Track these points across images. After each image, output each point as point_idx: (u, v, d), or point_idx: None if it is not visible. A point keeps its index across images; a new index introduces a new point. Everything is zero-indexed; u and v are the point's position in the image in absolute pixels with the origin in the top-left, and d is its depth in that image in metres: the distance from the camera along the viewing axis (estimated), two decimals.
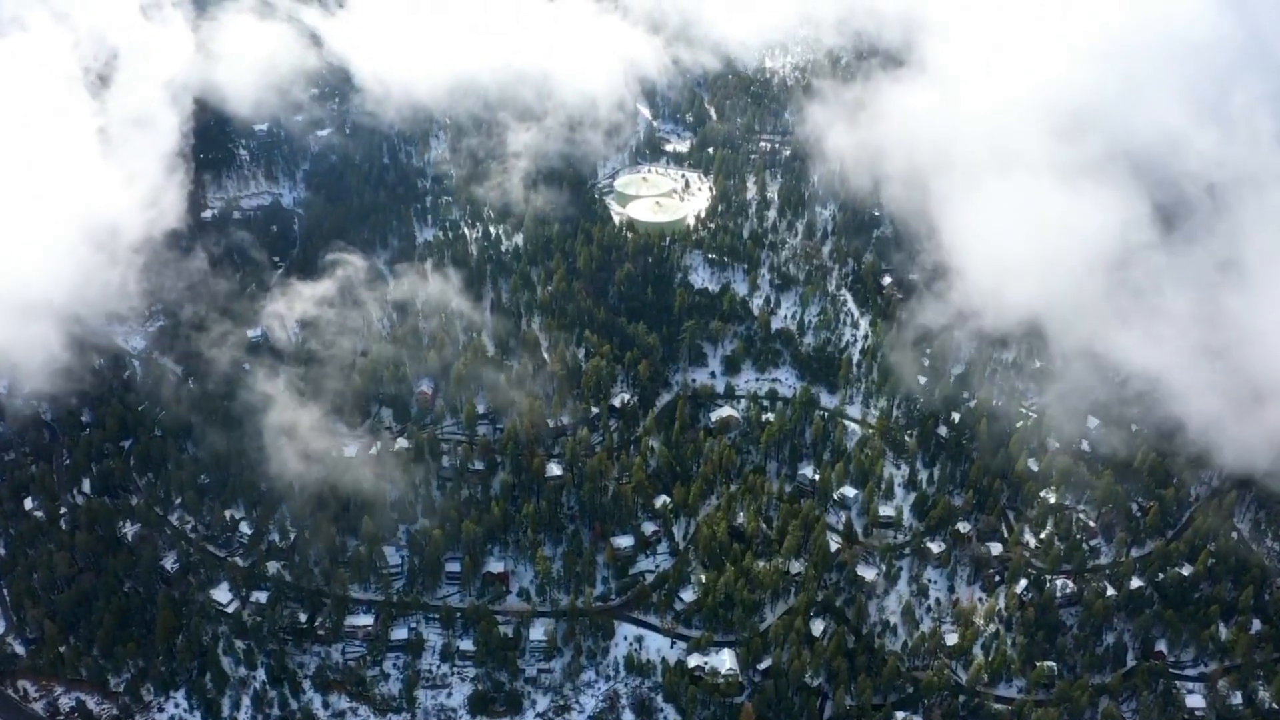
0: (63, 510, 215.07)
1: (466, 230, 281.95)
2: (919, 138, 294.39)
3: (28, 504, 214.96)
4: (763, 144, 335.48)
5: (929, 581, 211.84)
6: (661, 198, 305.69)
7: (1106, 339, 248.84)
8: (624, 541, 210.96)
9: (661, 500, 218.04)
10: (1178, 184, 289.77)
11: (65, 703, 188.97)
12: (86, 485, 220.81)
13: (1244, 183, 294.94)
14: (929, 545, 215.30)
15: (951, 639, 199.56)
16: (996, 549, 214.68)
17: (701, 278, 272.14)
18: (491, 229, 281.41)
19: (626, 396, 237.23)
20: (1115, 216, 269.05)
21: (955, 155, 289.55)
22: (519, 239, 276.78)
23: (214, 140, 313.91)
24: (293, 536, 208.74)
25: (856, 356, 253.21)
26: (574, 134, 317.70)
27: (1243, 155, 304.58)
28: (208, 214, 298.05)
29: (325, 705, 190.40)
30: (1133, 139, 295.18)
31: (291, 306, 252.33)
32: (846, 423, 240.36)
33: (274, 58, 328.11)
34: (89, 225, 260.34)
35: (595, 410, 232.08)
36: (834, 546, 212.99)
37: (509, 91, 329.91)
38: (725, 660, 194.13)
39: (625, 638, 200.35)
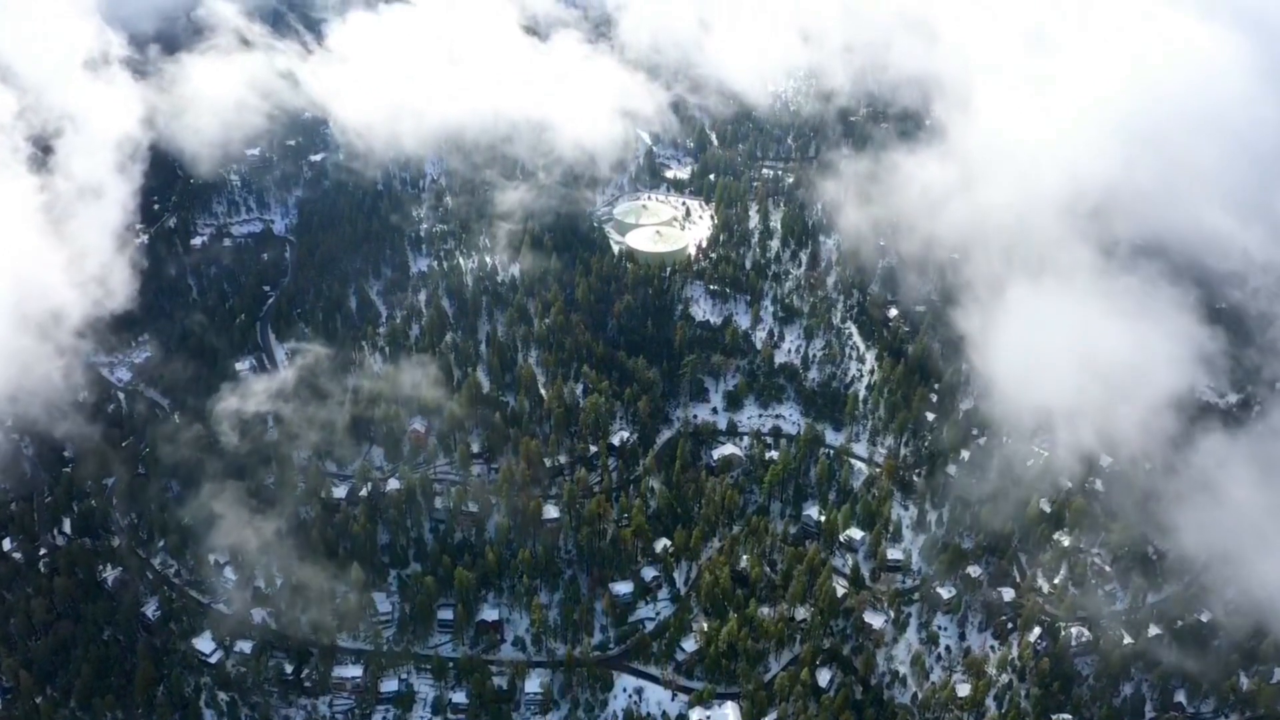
0: (42, 551, 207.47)
1: (461, 260, 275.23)
2: (934, 224, 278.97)
3: (5, 545, 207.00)
4: (765, 171, 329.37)
5: (939, 629, 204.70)
6: (662, 226, 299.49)
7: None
8: (623, 588, 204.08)
9: (662, 544, 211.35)
10: (1215, 285, 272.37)
11: None
12: (67, 525, 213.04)
13: None
14: (939, 591, 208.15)
15: (963, 690, 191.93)
16: (1009, 595, 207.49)
17: (703, 310, 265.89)
18: (487, 259, 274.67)
19: (626, 434, 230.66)
20: (1151, 327, 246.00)
21: (972, 245, 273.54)
22: (515, 269, 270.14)
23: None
24: (279, 583, 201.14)
25: (862, 392, 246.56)
26: (570, 189, 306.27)
27: None
28: (197, 241, 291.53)
29: None
30: (1166, 232, 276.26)
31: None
32: (852, 461, 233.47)
33: (244, 105, 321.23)
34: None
35: (594, 449, 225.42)
36: (840, 592, 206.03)
37: (498, 148, 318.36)
38: (728, 714, 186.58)
39: (624, 690, 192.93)
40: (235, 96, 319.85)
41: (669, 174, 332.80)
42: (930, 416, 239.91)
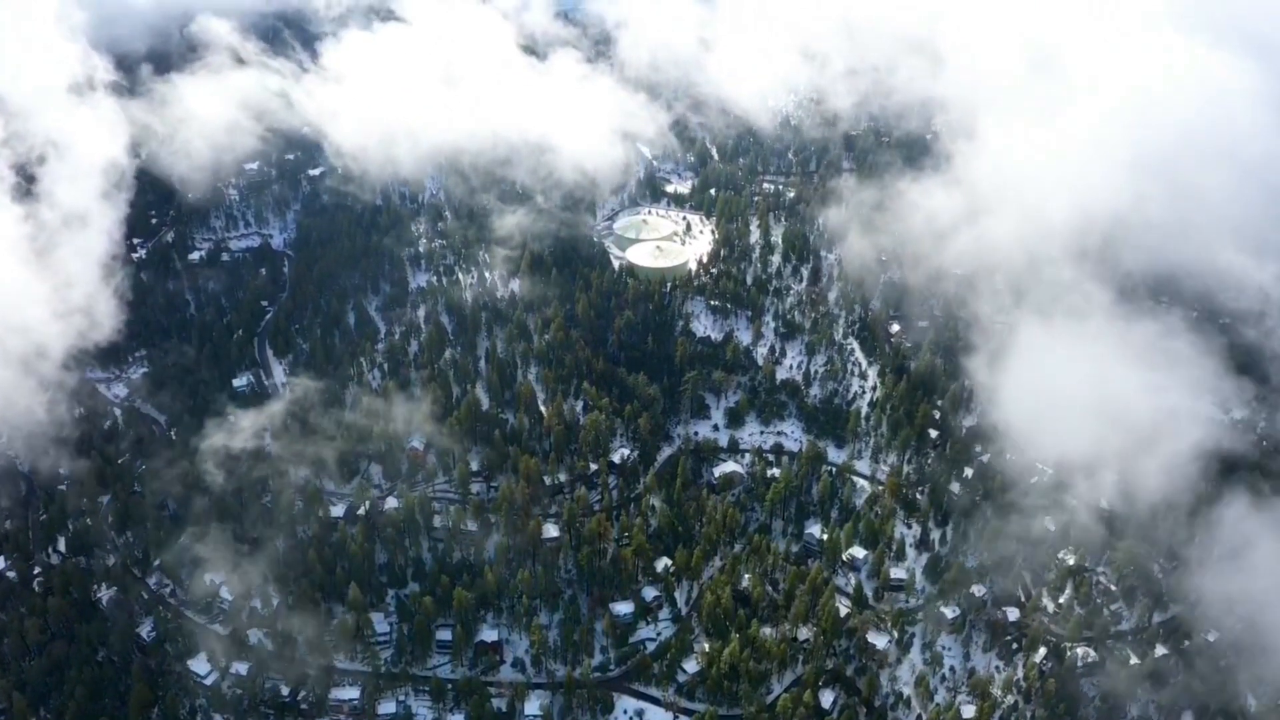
0: (36, 570, 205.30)
1: (461, 276, 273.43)
2: (938, 252, 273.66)
3: None
4: (766, 186, 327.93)
5: (943, 649, 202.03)
6: (662, 241, 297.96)
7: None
8: (623, 608, 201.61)
9: (663, 563, 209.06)
10: (1230, 323, 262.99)
11: None
12: (61, 544, 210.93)
13: None
14: (943, 610, 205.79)
15: (969, 712, 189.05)
16: (1013, 614, 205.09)
17: (704, 325, 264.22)
18: (487, 275, 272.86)
19: (626, 452, 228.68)
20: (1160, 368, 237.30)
21: (977, 278, 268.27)
22: (515, 285, 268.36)
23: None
24: (275, 603, 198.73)
25: (865, 409, 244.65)
26: (570, 213, 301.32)
27: None
28: (195, 256, 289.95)
29: None
30: (1178, 267, 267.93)
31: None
32: (855, 479, 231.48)
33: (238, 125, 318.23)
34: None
35: (594, 467, 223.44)
36: (843, 612, 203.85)
37: (496, 171, 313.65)
38: None
39: (625, 712, 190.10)
40: (230, 116, 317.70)
41: (669, 188, 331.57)
42: (933, 433, 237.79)
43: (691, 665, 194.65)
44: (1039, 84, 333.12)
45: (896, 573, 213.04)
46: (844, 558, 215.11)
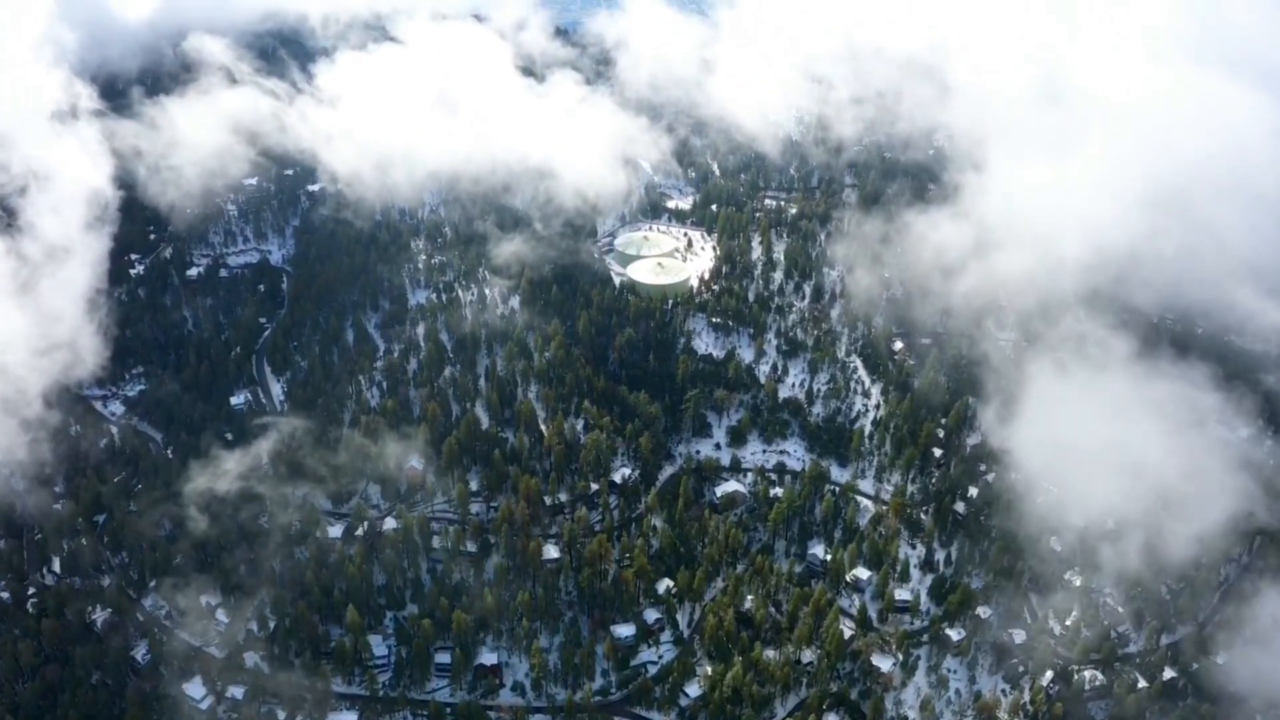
0: (30, 591, 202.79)
1: (461, 293, 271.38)
2: (946, 285, 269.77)
3: None
4: (768, 202, 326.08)
5: (949, 672, 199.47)
6: (664, 258, 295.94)
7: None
8: (625, 631, 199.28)
9: (664, 585, 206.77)
10: (1246, 366, 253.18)
11: None
12: (56, 564, 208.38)
13: None
14: (948, 632, 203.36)
15: None
16: (1020, 637, 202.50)
17: (705, 343, 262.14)
18: (487, 292, 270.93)
19: (627, 471, 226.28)
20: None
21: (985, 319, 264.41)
22: (515, 301, 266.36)
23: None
24: (272, 626, 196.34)
25: (868, 427, 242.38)
26: (570, 240, 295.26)
27: None
28: (193, 272, 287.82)
29: None
30: (1193, 307, 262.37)
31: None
32: (858, 498, 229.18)
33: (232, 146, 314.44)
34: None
35: (594, 487, 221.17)
36: (847, 634, 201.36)
37: (494, 198, 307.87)
38: None
39: None
40: (224, 137, 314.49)
41: (670, 204, 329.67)
42: (937, 452, 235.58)
43: (694, 689, 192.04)
44: (1048, 114, 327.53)
45: (901, 594, 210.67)
46: (848, 579, 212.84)
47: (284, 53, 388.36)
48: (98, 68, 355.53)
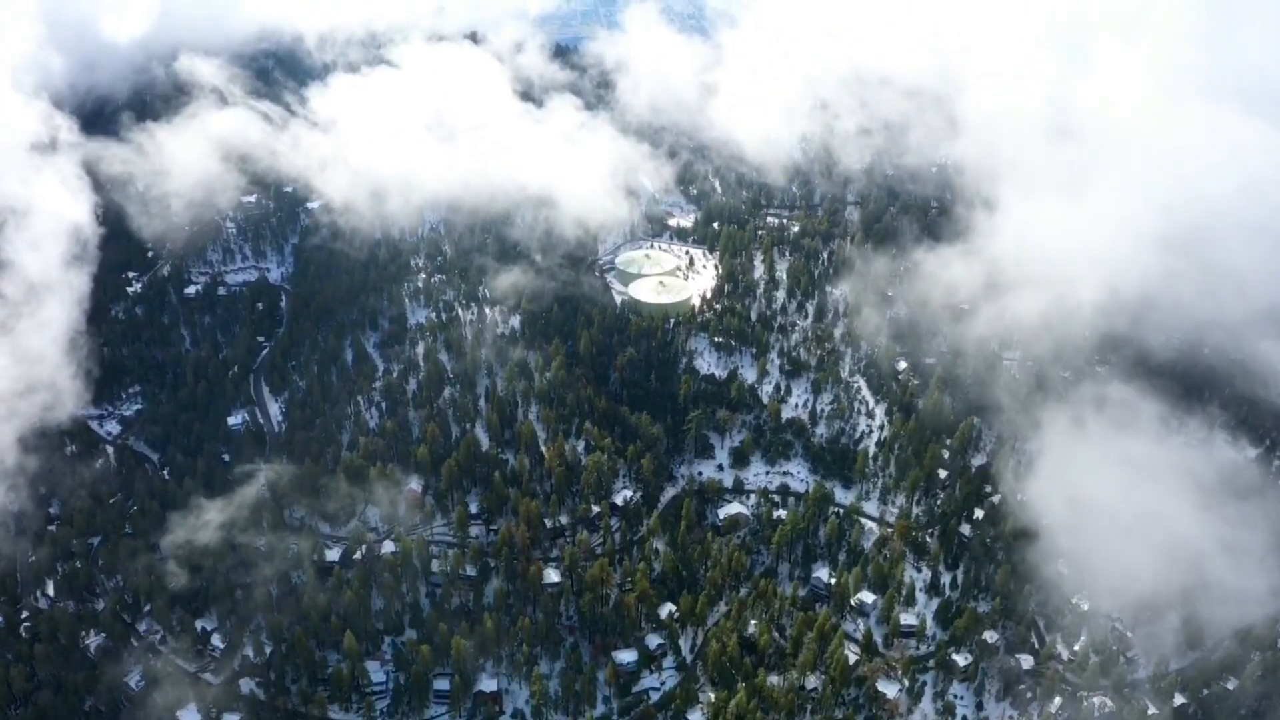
0: (24, 615, 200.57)
1: (461, 312, 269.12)
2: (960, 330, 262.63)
3: None
4: (769, 219, 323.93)
5: (955, 698, 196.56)
6: (665, 276, 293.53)
7: None
8: (626, 657, 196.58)
9: (667, 609, 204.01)
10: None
11: None
12: (50, 587, 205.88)
13: None
14: (955, 657, 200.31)
15: None
16: (1027, 662, 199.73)
17: (707, 363, 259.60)
18: (487, 310, 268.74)
19: (629, 493, 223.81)
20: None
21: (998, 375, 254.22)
22: (515, 321, 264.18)
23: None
24: (269, 651, 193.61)
25: (872, 448, 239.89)
26: (571, 271, 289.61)
27: None
28: (191, 290, 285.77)
29: None
30: (1210, 353, 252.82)
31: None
32: (863, 521, 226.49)
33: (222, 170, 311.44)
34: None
35: (596, 509, 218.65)
36: (852, 659, 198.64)
37: (492, 229, 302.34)
38: None
39: None
40: (213, 164, 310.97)
41: (672, 221, 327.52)
42: (942, 473, 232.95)
43: (696, 716, 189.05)
44: (1061, 150, 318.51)
45: (907, 618, 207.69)
46: (853, 602, 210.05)
47: (279, 73, 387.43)
48: (86, 91, 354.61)
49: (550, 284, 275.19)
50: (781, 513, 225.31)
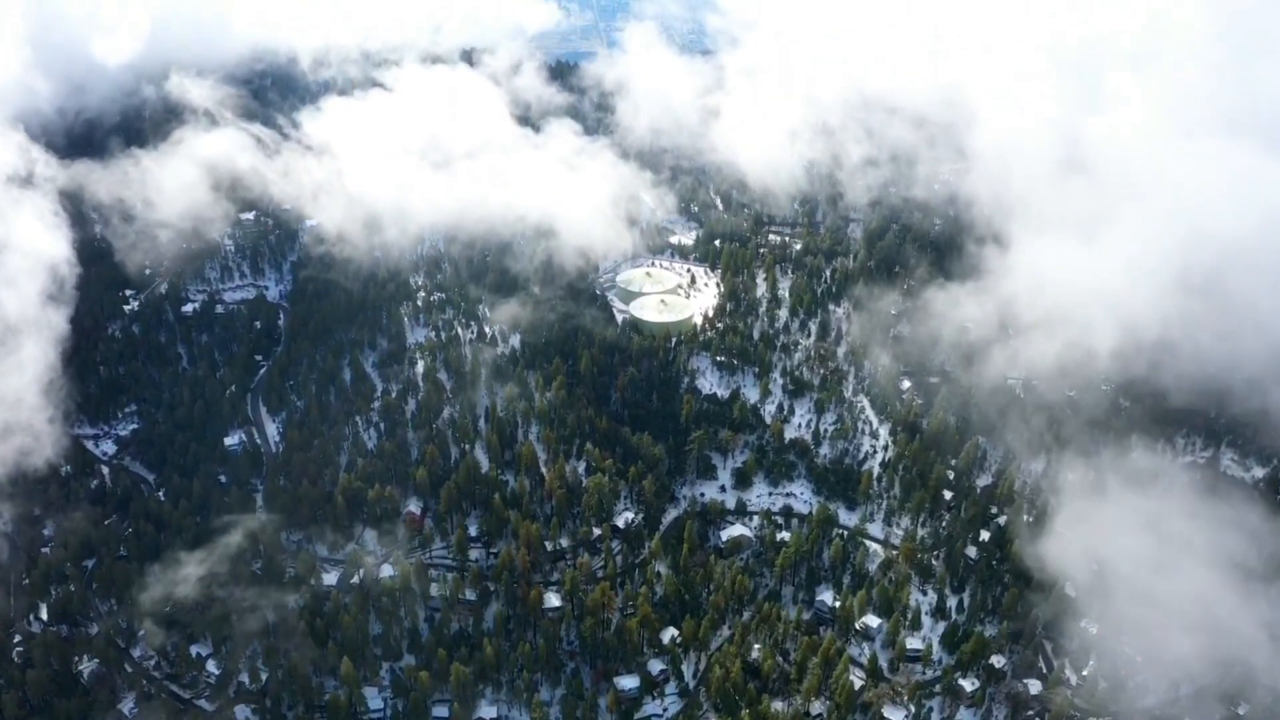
0: (16, 639, 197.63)
1: (460, 331, 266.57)
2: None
3: None
4: (772, 237, 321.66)
5: None
6: (667, 295, 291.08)
7: None
8: (628, 683, 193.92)
9: (669, 634, 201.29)
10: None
11: None
12: (44, 611, 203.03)
13: None
14: (961, 683, 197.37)
15: None
16: (1035, 687, 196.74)
17: (710, 382, 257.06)
18: (487, 329, 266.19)
19: (630, 515, 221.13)
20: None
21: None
22: (515, 340, 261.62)
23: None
24: (265, 678, 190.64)
25: (876, 469, 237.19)
26: (571, 303, 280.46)
27: None
28: (188, 308, 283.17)
29: None
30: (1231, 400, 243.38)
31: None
32: (868, 543, 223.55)
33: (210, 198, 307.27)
34: None
35: (597, 531, 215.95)
36: (858, 684, 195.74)
37: (489, 260, 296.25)
38: None
39: None
40: (202, 192, 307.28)
41: (673, 239, 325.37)
42: (947, 494, 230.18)
43: None
44: (1076, 188, 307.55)
45: (912, 642, 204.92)
46: (857, 626, 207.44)
47: (274, 94, 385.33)
48: (75, 114, 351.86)
49: (550, 315, 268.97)
50: (785, 535, 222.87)
